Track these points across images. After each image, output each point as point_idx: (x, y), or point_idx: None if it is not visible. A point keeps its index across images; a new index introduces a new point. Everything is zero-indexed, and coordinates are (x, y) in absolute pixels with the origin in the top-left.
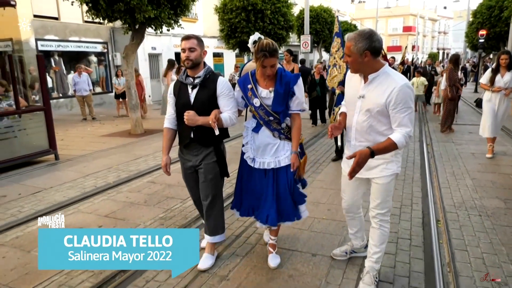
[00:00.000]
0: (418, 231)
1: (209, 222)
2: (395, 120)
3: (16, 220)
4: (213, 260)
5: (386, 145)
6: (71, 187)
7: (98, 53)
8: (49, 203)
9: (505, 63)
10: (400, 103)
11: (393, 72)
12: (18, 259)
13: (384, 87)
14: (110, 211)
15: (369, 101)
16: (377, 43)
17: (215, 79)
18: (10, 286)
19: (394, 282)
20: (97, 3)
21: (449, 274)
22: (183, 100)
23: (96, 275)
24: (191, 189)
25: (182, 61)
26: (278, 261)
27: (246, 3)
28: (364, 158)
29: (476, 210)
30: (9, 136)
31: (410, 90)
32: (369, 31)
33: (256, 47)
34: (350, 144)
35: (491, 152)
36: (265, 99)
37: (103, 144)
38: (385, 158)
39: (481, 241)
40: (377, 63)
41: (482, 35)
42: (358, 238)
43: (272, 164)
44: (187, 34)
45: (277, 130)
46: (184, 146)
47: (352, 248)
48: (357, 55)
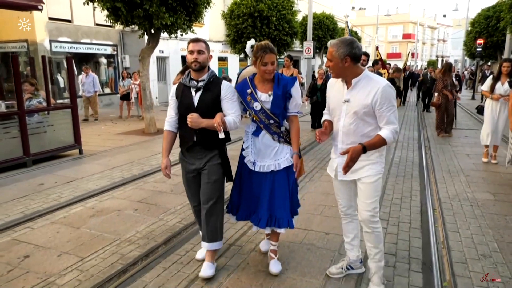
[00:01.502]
0: (416, 217)
1: (209, 226)
2: (382, 119)
3: (59, 203)
4: (214, 268)
5: (376, 141)
6: (101, 177)
7: (108, 55)
8: (84, 190)
9: (507, 71)
10: (385, 103)
11: (373, 75)
12: (71, 234)
13: (368, 89)
14: (141, 198)
15: (355, 104)
16: (357, 50)
17: (219, 82)
18: (70, 253)
19: (396, 254)
20: (118, 9)
21: (443, 250)
22: (186, 103)
23: (141, 247)
24: (192, 194)
25: (189, 63)
26: (279, 268)
27: (252, 10)
28: (357, 153)
29: (468, 201)
30: (40, 131)
31: (392, 89)
32: (350, 38)
33: (254, 49)
34: (337, 147)
35: (486, 156)
36: (265, 103)
37: (120, 141)
38: (370, 159)
39: (471, 225)
40: (357, 68)
41: (480, 44)
42: (354, 248)
43: (272, 167)
44: (195, 37)
45: (277, 134)
46: (187, 149)
47: (348, 263)
48: (338, 60)
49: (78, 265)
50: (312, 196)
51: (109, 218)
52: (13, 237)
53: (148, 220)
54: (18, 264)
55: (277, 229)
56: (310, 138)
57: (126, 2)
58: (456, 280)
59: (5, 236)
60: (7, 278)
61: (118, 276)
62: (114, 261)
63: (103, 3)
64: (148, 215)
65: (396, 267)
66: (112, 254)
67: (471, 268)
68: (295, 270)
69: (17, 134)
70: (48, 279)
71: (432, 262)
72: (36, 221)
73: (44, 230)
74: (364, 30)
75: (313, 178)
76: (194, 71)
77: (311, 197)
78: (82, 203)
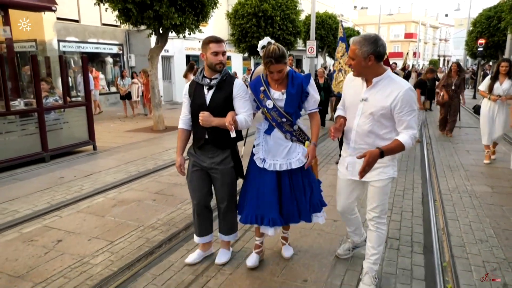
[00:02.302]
0: (418, 207)
1: (226, 223)
2: (401, 123)
3: (81, 195)
4: (229, 254)
5: (394, 146)
6: (117, 171)
7: (114, 54)
8: (103, 183)
9: (505, 71)
10: (406, 107)
11: (396, 77)
12: (97, 221)
13: (388, 90)
14: (158, 189)
15: (372, 104)
16: (382, 48)
17: (232, 81)
18: (99, 238)
19: (400, 238)
20: (129, 10)
21: (443, 235)
22: (198, 101)
23: (164, 232)
24: (193, 189)
25: (214, 65)
26: (291, 252)
27: (257, 10)
28: (374, 157)
29: (467, 193)
30: (56, 128)
31: (414, 93)
32: (374, 35)
33: (263, 53)
34: (349, 146)
35: (489, 158)
36: (278, 101)
37: (130, 138)
38: (382, 162)
39: (470, 214)
40: (380, 67)
41: (481, 43)
42: (357, 235)
43: (284, 166)
44: (216, 37)
45: (289, 132)
46: (199, 147)
47: (353, 245)
48: (361, 59)
49: (108, 248)
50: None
51: (130, 207)
52: (43, 224)
53: (167, 209)
54: (53, 247)
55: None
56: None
57: (136, 3)
58: (454, 261)
59: (36, 224)
60: (45, 259)
61: (145, 257)
62: (141, 244)
63: (114, 4)
64: (166, 204)
65: (399, 249)
66: (138, 238)
67: (469, 251)
68: (307, 251)
69: (36, 131)
70: (83, 259)
71: (433, 245)
72: (63, 211)
73: (72, 218)
74: (366, 29)
75: (319, 172)
76: (214, 71)
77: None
78: (103, 194)
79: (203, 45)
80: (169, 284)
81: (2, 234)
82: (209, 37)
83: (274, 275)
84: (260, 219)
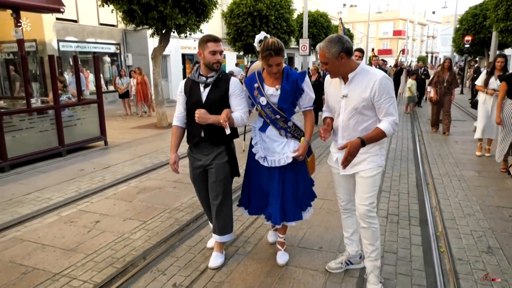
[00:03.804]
0: (413, 189)
1: (218, 221)
2: (381, 111)
3: (105, 184)
4: (223, 258)
5: (375, 134)
6: (133, 163)
7: (111, 53)
8: (122, 173)
9: (501, 66)
10: (383, 94)
11: (370, 68)
12: (126, 205)
13: (365, 82)
14: (176, 178)
15: (353, 98)
16: (348, 43)
17: (228, 78)
18: (132, 219)
19: (398, 214)
20: (133, 11)
21: (436, 211)
22: (194, 99)
23: (189, 213)
24: (199, 190)
25: (212, 64)
26: (286, 259)
27: (252, 9)
28: (355, 147)
29: (456, 178)
30: (71, 124)
31: (390, 80)
32: (336, 36)
33: (261, 46)
34: (337, 143)
35: (480, 150)
36: (272, 97)
37: (137, 134)
38: (369, 152)
39: (459, 194)
40: (353, 62)
41: (468, 40)
42: (354, 243)
43: (282, 161)
44: (214, 36)
45: (284, 129)
46: (194, 145)
47: (348, 258)
48: (334, 60)
49: (143, 226)
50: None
51: (153, 194)
52: (78, 209)
53: (188, 195)
54: (93, 227)
55: (288, 223)
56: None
57: (141, 5)
58: (446, 231)
59: (71, 208)
60: (89, 236)
61: (178, 233)
62: (171, 223)
63: (120, 5)
64: (187, 191)
65: (399, 222)
66: (167, 219)
67: (458, 223)
68: (320, 226)
69: (53, 127)
70: (123, 235)
71: (427, 219)
72: (92, 197)
73: (102, 204)
74: (355, 27)
75: (318, 167)
76: (211, 70)
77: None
78: (125, 183)
79: (200, 43)
80: (204, 252)
81: (43, 217)
82: (207, 36)
83: (293, 244)
84: (261, 209)
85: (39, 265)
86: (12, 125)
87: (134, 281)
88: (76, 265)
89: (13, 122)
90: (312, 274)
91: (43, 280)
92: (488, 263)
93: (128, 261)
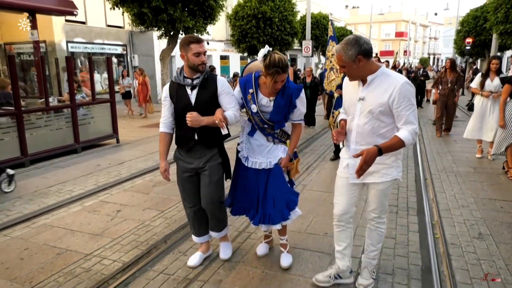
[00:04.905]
0: (412, 184)
1: (215, 222)
2: (400, 119)
3: (121, 178)
4: (231, 246)
5: (394, 143)
6: (145, 160)
7: (118, 54)
8: (136, 169)
9: (495, 68)
10: (403, 101)
11: (392, 72)
12: (144, 197)
13: (384, 86)
14: None
15: (370, 102)
16: (366, 45)
17: (214, 78)
18: (151, 208)
19: (397, 205)
20: (144, 14)
21: (432, 203)
22: (183, 102)
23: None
24: (187, 195)
25: (197, 65)
26: (290, 261)
27: (256, 11)
28: (372, 155)
29: (453, 173)
30: (85, 122)
31: (411, 87)
32: (354, 37)
33: (267, 61)
34: (349, 148)
35: (480, 152)
36: (264, 107)
37: (145, 133)
38: (385, 163)
39: (455, 188)
40: (373, 64)
41: (469, 42)
42: (345, 257)
43: (263, 165)
44: (196, 37)
45: (271, 135)
46: (187, 150)
47: (337, 272)
48: (351, 63)
49: (161, 215)
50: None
51: (168, 187)
52: (99, 200)
53: None
54: (115, 216)
55: (272, 226)
56: (303, 136)
57: (151, 8)
58: (442, 220)
59: (93, 199)
60: (113, 223)
61: None
62: None
63: (130, 8)
64: None
65: (398, 212)
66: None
67: (453, 213)
68: (325, 215)
69: (69, 125)
70: (144, 223)
71: (424, 209)
72: (111, 190)
73: (121, 195)
74: (357, 28)
75: (311, 174)
76: (196, 71)
77: (310, 192)
78: (140, 177)
79: (182, 45)
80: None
81: (68, 207)
82: (189, 37)
83: (300, 231)
84: (244, 210)
85: (71, 247)
86: (31, 123)
87: (159, 261)
88: (104, 247)
89: (32, 120)
90: (319, 255)
91: (76, 259)
92: (479, 247)
93: (151, 244)
